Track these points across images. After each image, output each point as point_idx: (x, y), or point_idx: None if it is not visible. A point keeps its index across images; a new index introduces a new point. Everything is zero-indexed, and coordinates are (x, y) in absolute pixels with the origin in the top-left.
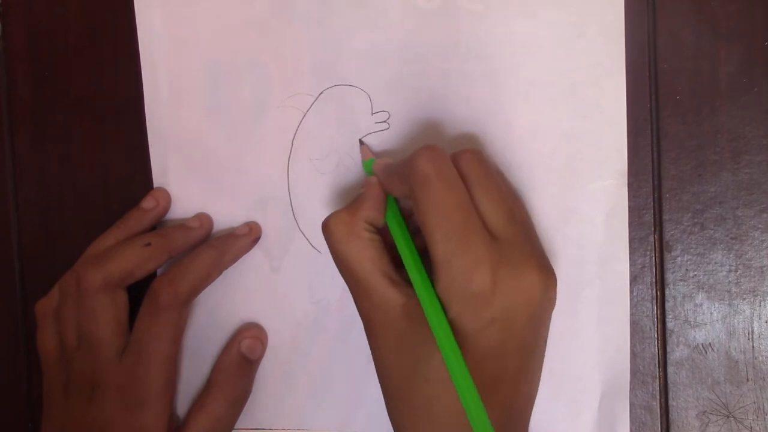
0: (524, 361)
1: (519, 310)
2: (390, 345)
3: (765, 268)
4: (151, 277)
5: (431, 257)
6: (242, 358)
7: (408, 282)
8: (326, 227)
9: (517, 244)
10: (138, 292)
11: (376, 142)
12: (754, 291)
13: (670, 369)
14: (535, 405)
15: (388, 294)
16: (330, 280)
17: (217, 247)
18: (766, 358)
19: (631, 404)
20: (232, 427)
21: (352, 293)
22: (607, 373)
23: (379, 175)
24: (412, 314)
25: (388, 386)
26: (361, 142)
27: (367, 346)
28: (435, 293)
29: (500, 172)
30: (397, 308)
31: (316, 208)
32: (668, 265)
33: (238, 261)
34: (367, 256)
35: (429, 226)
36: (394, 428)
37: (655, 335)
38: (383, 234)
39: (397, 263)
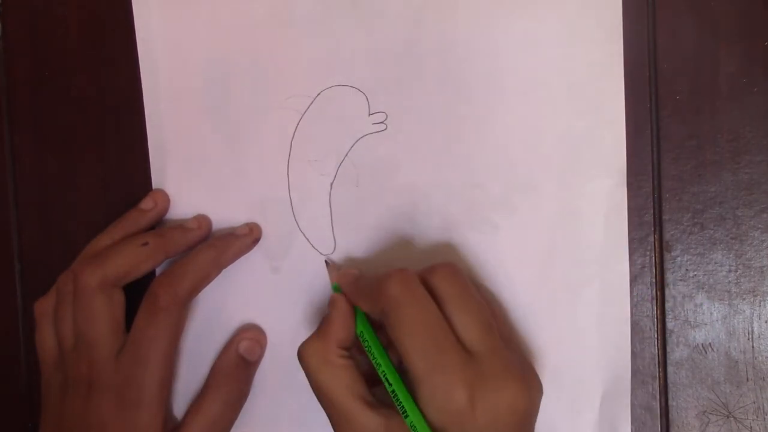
0: None
1: (504, 421)
2: None
3: (765, 268)
4: (150, 277)
5: (409, 374)
6: (240, 360)
7: (386, 401)
8: (300, 357)
9: (495, 357)
10: (137, 292)
11: (374, 143)
12: (754, 291)
13: (670, 369)
14: None
15: (368, 418)
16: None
17: (216, 246)
18: (766, 358)
19: (631, 404)
20: (229, 428)
21: (331, 420)
22: (607, 374)
23: (347, 292)
24: None
25: None
26: (327, 263)
27: None
28: (417, 408)
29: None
30: (380, 431)
31: (317, 209)
32: (668, 265)
33: (239, 261)
34: (343, 384)
35: (404, 347)
36: None
37: (655, 335)
38: (356, 353)
39: (373, 378)
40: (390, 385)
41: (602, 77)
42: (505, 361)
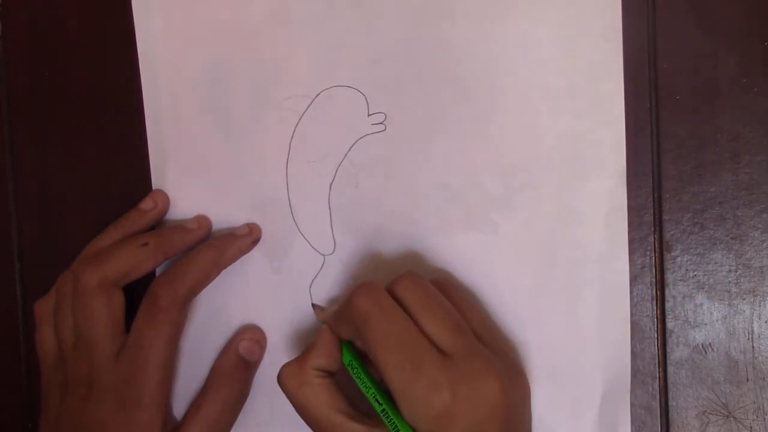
0: None
1: (486, 418)
2: None
3: (765, 268)
4: (150, 277)
5: (389, 388)
6: (240, 360)
7: (368, 415)
8: (279, 380)
9: (470, 357)
10: (138, 292)
11: (373, 143)
12: (754, 291)
13: (670, 369)
14: (535, 405)
15: (351, 427)
16: (331, 281)
17: (216, 246)
18: (766, 358)
19: (631, 404)
20: (228, 429)
21: None
22: (607, 373)
23: (329, 324)
24: None
25: None
26: (314, 306)
27: None
28: (402, 420)
29: (448, 280)
30: None
31: (316, 209)
32: (668, 265)
33: (239, 262)
34: (322, 400)
35: (379, 360)
36: None
37: (655, 335)
38: (339, 376)
39: (355, 403)
40: (380, 404)
41: (602, 77)
42: (481, 359)
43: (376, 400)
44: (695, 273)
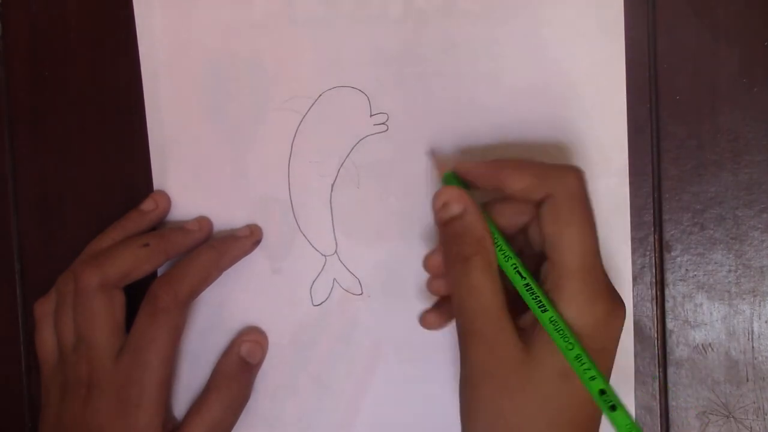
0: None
1: (616, 343)
2: (511, 384)
3: (765, 268)
4: (151, 278)
5: (557, 269)
6: (242, 362)
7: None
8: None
9: (605, 276)
10: (138, 293)
11: (375, 144)
12: (754, 291)
13: (670, 369)
14: None
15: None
16: (331, 281)
17: (216, 247)
18: (766, 358)
19: None
20: (229, 430)
21: (463, 337)
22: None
23: (481, 169)
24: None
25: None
26: (433, 153)
27: (369, 346)
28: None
29: None
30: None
31: (318, 210)
32: (668, 265)
33: (240, 262)
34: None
35: (567, 238)
36: None
37: (655, 335)
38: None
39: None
40: (523, 278)
41: (603, 77)
42: (613, 288)
43: (518, 272)
44: (695, 273)
